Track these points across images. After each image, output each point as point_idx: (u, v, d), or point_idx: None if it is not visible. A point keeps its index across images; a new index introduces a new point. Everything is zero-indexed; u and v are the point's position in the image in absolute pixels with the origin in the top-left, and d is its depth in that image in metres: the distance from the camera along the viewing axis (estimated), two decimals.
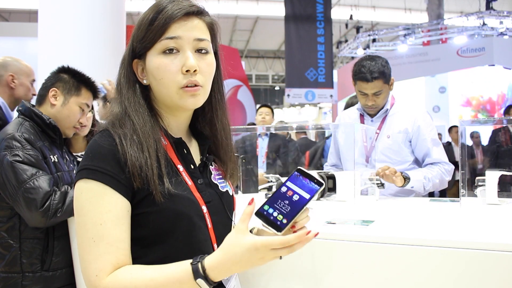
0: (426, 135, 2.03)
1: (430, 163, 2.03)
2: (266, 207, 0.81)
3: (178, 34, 0.83)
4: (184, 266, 0.76)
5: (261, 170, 4.33)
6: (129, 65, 0.89)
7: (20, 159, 1.46)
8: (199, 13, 0.87)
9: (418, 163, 2.10)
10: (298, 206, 0.80)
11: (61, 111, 1.68)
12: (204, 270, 0.75)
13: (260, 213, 0.80)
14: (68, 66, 1.75)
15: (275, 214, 0.79)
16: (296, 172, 0.85)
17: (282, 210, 0.80)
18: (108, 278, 0.76)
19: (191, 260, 0.76)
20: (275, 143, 4.46)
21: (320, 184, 0.82)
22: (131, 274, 0.77)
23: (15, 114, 1.76)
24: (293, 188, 0.83)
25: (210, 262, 0.75)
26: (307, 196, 0.81)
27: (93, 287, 0.76)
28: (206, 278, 0.74)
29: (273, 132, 4.57)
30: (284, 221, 0.78)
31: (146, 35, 0.84)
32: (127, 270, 0.77)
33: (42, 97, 1.70)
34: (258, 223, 0.82)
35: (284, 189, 0.83)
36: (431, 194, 2.09)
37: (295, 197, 0.81)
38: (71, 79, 1.71)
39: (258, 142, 4.50)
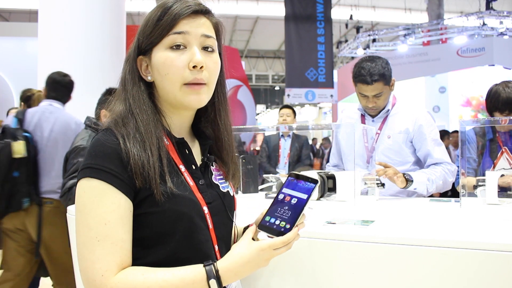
0: (427, 135, 2.02)
1: (432, 163, 2.02)
2: (267, 218, 0.84)
3: (186, 29, 0.84)
4: (197, 268, 0.79)
5: (283, 171, 4.27)
6: (134, 61, 0.89)
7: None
8: (206, 12, 0.89)
9: (420, 163, 2.09)
10: (298, 208, 0.82)
11: None
12: (217, 271, 0.78)
13: (263, 226, 0.83)
14: (111, 89, 2.18)
15: (277, 222, 0.82)
16: (289, 177, 0.88)
17: (284, 217, 0.82)
18: (115, 278, 0.75)
19: (202, 264, 0.80)
20: (297, 143, 4.39)
21: (315, 182, 0.84)
22: (143, 275, 0.76)
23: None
24: (289, 193, 0.85)
25: (222, 264, 0.80)
26: (304, 196, 0.83)
27: (98, 286, 0.75)
28: (218, 279, 0.78)
29: (295, 132, 4.51)
30: (288, 226, 0.81)
31: (153, 30, 0.85)
32: (138, 271, 0.77)
33: (96, 116, 2.36)
34: (261, 236, 0.86)
35: (281, 196, 0.86)
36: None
37: (293, 201, 0.84)
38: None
39: (280, 143, 4.48)
